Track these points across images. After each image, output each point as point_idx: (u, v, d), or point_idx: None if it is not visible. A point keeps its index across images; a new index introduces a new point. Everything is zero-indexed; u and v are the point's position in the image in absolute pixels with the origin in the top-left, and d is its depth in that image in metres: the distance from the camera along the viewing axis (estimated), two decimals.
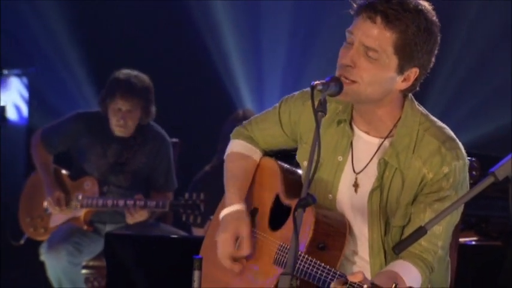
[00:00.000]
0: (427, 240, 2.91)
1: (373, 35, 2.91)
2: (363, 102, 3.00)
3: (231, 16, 7.59)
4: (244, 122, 3.36)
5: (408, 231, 2.94)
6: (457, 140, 3.02)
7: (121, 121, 5.67)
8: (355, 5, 2.97)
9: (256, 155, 3.30)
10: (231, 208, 3.18)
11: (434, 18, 2.96)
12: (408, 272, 2.88)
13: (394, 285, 2.60)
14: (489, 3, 6.92)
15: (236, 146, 3.32)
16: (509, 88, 6.64)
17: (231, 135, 3.36)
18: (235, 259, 3.14)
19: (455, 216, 2.99)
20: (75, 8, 7.64)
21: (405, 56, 2.92)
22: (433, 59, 2.99)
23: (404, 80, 2.97)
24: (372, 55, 2.91)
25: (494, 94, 6.96)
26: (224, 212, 3.19)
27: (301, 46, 7.42)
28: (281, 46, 7.56)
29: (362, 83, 2.92)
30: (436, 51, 2.98)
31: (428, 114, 3.06)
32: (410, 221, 2.97)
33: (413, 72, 2.96)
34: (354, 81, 2.92)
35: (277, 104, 3.26)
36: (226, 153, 3.34)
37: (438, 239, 2.94)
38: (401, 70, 2.94)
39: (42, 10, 7.67)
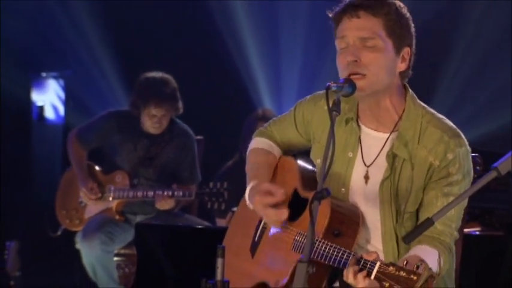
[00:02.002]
0: (442, 223, 2.93)
1: (364, 26, 2.94)
2: (376, 92, 2.98)
3: (250, 19, 7.58)
4: (265, 124, 3.39)
5: (423, 216, 2.96)
6: (458, 129, 3.03)
7: (157, 125, 5.71)
8: (330, 15, 3.01)
9: (276, 151, 3.33)
10: (249, 187, 3.17)
11: None
12: (429, 254, 2.88)
13: (415, 266, 2.59)
14: (492, 4, 6.87)
15: (259, 143, 3.35)
16: (510, 88, 6.60)
17: (253, 134, 3.39)
18: (275, 206, 3.07)
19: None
20: (107, 16, 7.67)
21: (397, 36, 2.96)
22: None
23: (402, 60, 2.99)
24: (370, 44, 2.94)
25: (495, 94, 6.92)
26: (246, 194, 3.18)
27: (318, 47, 7.39)
28: (298, 47, 7.54)
29: (370, 73, 2.94)
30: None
31: (427, 107, 3.08)
32: (425, 207, 2.98)
33: (406, 52, 3.00)
34: (364, 75, 2.93)
35: (292, 108, 3.29)
36: (249, 149, 3.37)
37: (452, 221, 2.96)
38: (397, 51, 2.98)
39: (77, 18, 7.71)
